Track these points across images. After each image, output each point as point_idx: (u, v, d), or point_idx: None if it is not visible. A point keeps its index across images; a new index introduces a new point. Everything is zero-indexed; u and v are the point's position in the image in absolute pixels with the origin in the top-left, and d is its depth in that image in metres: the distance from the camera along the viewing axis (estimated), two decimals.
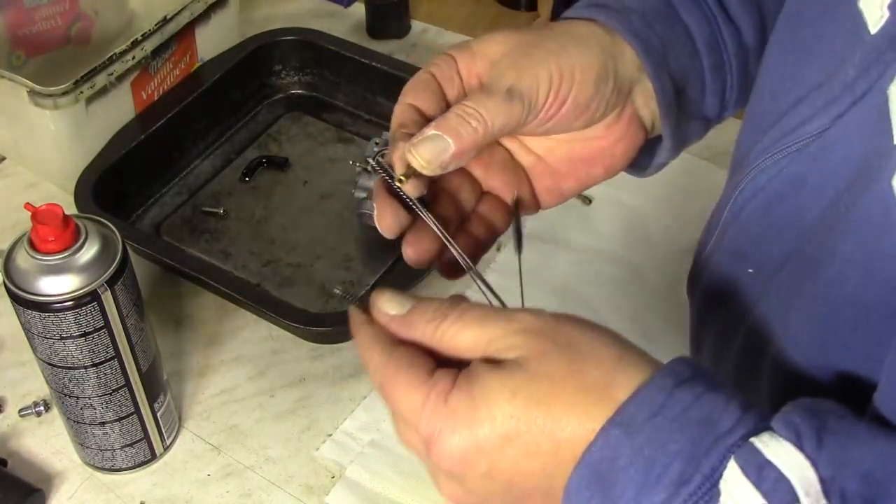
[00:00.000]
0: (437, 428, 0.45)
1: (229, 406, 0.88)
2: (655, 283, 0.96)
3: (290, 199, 1.04)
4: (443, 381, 0.45)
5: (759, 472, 0.40)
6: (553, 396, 0.43)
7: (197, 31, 1.08)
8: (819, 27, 0.51)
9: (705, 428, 0.41)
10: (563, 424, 0.43)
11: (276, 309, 0.89)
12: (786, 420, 0.41)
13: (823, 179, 0.48)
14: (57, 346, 0.72)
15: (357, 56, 1.12)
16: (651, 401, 0.42)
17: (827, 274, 0.46)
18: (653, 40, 0.56)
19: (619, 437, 0.42)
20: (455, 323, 0.46)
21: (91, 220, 0.74)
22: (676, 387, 0.42)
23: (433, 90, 0.55)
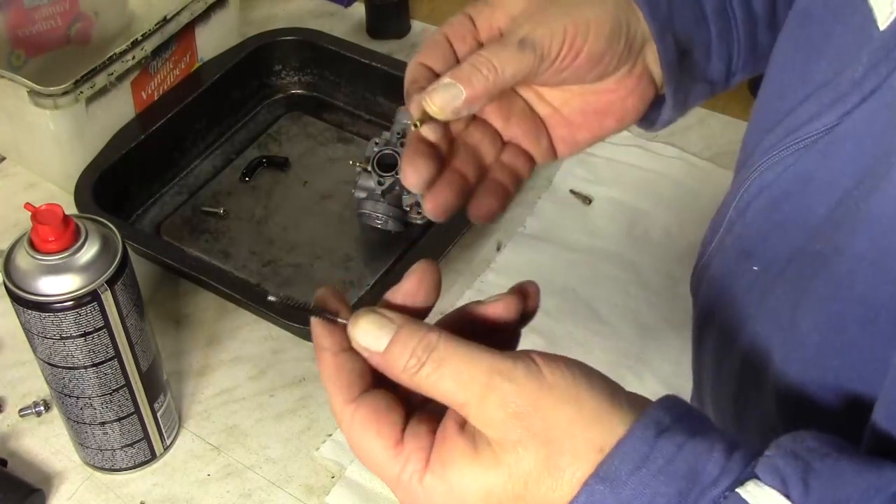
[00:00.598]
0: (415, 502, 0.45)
1: (229, 406, 0.88)
2: (655, 283, 0.96)
3: (290, 199, 1.04)
4: (417, 457, 0.44)
5: None
6: (531, 496, 0.43)
7: (197, 31, 1.08)
8: (828, 24, 0.51)
9: (691, 480, 0.40)
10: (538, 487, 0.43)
11: (276, 309, 0.89)
12: (770, 466, 0.40)
13: (831, 177, 0.48)
14: (57, 346, 0.72)
15: (357, 56, 1.12)
16: (634, 453, 0.41)
17: (836, 272, 0.46)
18: (661, 3, 0.57)
19: (603, 493, 0.41)
20: (433, 374, 0.44)
21: (91, 220, 0.74)
22: (658, 436, 0.41)
23: (444, 49, 0.57)
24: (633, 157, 1.08)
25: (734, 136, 1.09)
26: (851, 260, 0.45)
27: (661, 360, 0.90)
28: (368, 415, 0.45)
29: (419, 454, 0.44)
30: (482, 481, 0.43)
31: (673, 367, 0.89)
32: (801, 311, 0.49)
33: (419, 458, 0.44)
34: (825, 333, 0.47)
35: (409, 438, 0.45)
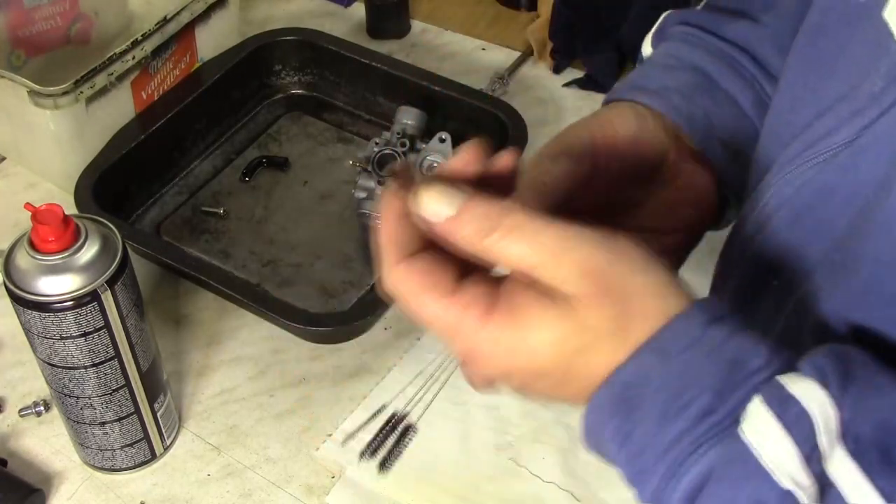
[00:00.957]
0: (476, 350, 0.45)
1: (229, 406, 0.88)
2: None
3: (290, 199, 1.04)
4: (477, 303, 0.44)
5: (782, 404, 0.40)
6: (594, 350, 0.43)
7: (197, 31, 1.08)
8: (841, 39, 0.51)
9: (736, 365, 0.42)
10: (599, 373, 0.44)
11: (276, 309, 0.89)
12: (812, 362, 0.42)
13: (853, 189, 0.48)
14: (57, 346, 0.72)
15: (357, 56, 1.11)
16: (687, 333, 0.43)
17: (858, 280, 0.46)
18: (696, 113, 0.58)
19: (652, 363, 0.42)
20: (505, 237, 0.44)
21: (91, 220, 0.74)
22: (711, 323, 0.43)
23: None
24: None
25: None
26: (874, 265, 0.46)
27: None
28: (422, 267, 0.45)
29: (481, 299, 0.44)
30: (555, 328, 0.43)
31: None
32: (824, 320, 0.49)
33: (482, 303, 0.44)
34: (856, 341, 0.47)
35: (467, 286, 0.45)
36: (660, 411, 0.42)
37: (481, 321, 0.44)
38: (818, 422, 0.40)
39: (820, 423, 0.40)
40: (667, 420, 0.42)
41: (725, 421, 0.41)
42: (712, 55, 0.61)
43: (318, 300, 0.95)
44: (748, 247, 0.56)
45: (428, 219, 0.45)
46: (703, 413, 0.41)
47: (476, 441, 0.85)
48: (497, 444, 0.84)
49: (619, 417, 0.43)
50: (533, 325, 0.43)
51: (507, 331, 0.44)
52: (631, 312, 0.43)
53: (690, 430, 0.41)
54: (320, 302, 0.95)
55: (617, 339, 0.43)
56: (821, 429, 0.40)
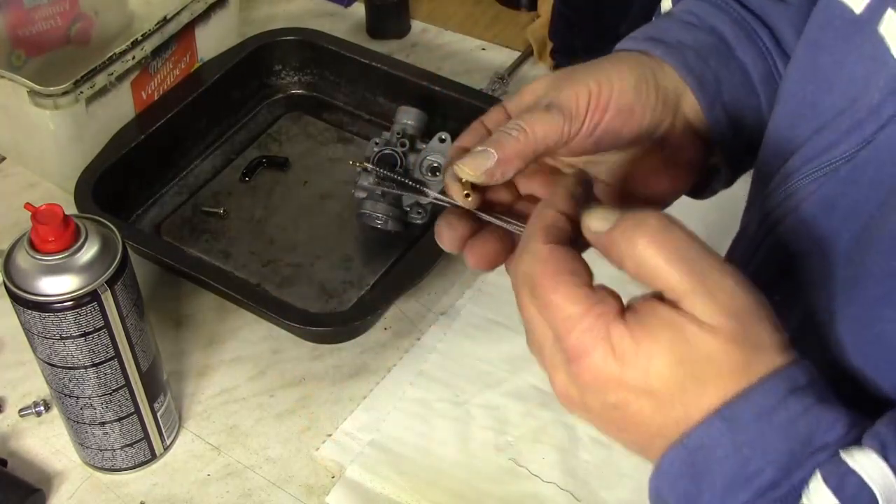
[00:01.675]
0: (588, 348, 0.44)
1: (229, 406, 0.88)
2: None
3: (290, 199, 1.04)
4: (607, 303, 0.45)
5: (841, 479, 0.41)
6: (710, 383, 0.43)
7: (197, 31, 1.08)
8: (838, 54, 0.51)
9: (806, 441, 0.42)
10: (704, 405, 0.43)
11: (276, 309, 0.89)
12: (873, 432, 0.42)
13: (855, 203, 0.48)
14: (57, 346, 0.72)
15: (357, 56, 1.11)
16: (761, 402, 0.42)
17: (874, 294, 0.47)
18: (707, 76, 0.58)
19: (721, 430, 0.42)
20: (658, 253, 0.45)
21: (91, 220, 0.74)
22: (789, 394, 0.43)
23: (480, 132, 0.57)
24: None
25: None
26: (887, 279, 0.46)
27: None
28: (568, 254, 0.46)
29: (613, 301, 0.45)
30: (676, 350, 0.43)
31: None
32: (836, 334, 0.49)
33: (613, 304, 0.45)
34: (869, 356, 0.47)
35: (602, 289, 0.45)
36: (726, 480, 0.42)
37: (609, 319, 0.44)
38: (878, 493, 0.40)
39: (881, 496, 0.40)
40: (732, 490, 0.42)
41: (789, 497, 0.41)
42: (733, 21, 0.60)
43: (317, 300, 0.95)
44: (749, 262, 0.56)
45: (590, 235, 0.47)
46: (767, 487, 0.42)
47: (476, 441, 0.85)
48: (497, 444, 0.84)
49: (687, 480, 0.43)
50: (661, 339, 0.43)
51: (627, 339, 0.44)
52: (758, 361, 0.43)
53: (753, 502, 0.42)
54: (320, 302, 0.95)
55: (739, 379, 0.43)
56: (883, 499, 0.40)
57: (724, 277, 0.44)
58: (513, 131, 0.53)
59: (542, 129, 0.53)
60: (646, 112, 0.57)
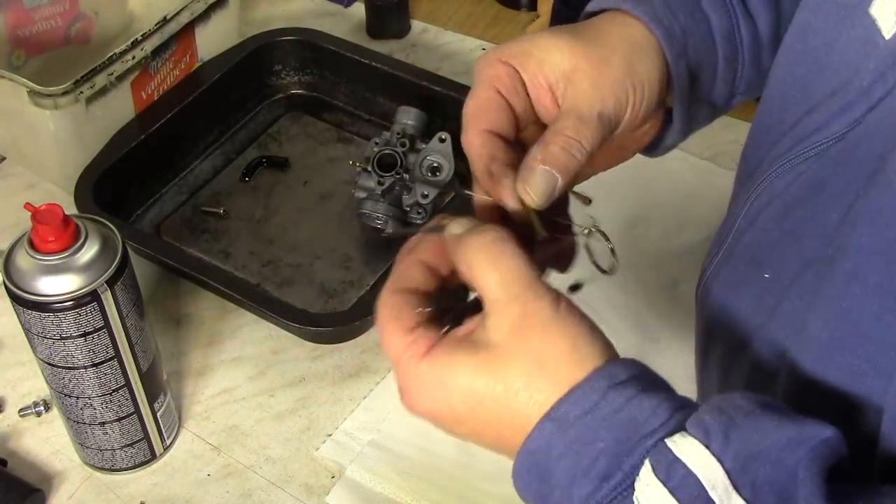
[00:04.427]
0: (405, 386, 0.50)
1: (229, 406, 0.88)
2: (655, 283, 0.96)
3: (290, 199, 1.04)
4: (420, 343, 0.49)
5: (668, 469, 0.43)
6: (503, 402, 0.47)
7: (197, 31, 1.08)
8: (830, 37, 0.51)
9: (631, 429, 0.44)
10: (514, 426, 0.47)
11: (276, 309, 0.89)
12: (697, 420, 0.44)
13: (844, 183, 0.49)
14: (57, 346, 0.72)
15: (357, 56, 1.11)
16: (584, 400, 0.45)
17: (842, 269, 0.47)
18: (675, 29, 0.57)
19: (552, 431, 0.45)
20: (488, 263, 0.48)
21: (91, 220, 0.74)
22: (610, 388, 0.45)
23: (503, 109, 0.55)
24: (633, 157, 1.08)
25: (734, 136, 1.09)
26: (858, 255, 0.46)
27: (661, 360, 0.89)
28: (398, 300, 0.50)
29: (424, 342, 0.49)
30: (470, 379, 0.47)
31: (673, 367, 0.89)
32: (812, 312, 0.50)
33: (423, 344, 0.49)
34: (837, 330, 0.48)
35: (421, 330, 0.49)
36: (569, 475, 0.45)
37: (417, 359, 0.48)
38: (704, 481, 0.42)
39: (706, 483, 0.42)
40: (574, 484, 0.44)
41: (623, 484, 0.44)
42: None
43: (317, 300, 0.95)
44: (738, 241, 0.56)
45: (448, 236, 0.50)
46: (603, 476, 0.44)
47: None
48: None
49: (537, 482, 0.46)
50: (453, 374, 0.47)
51: (432, 374, 0.48)
52: (544, 375, 0.46)
53: (594, 494, 0.44)
54: (320, 302, 0.95)
55: (527, 394, 0.46)
56: (708, 488, 0.42)
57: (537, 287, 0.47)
58: (576, 153, 0.53)
59: (597, 143, 0.54)
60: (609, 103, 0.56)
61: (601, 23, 0.58)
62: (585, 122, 0.53)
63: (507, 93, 0.55)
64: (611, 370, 0.46)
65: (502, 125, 0.55)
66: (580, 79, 0.55)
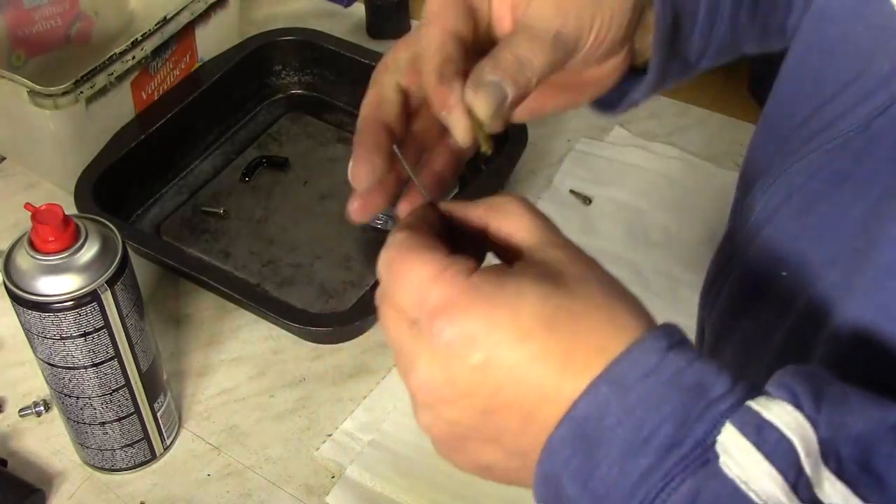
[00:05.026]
0: (451, 298, 0.42)
1: (229, 406, 0.88)
2: (655, 283, 0.96)
3: (290, 199, 1.04)
4: (464, 261, 0.43)
5: (759, 432, 0.39)
6: (583, 319, 0.42)
7: (197, 31, 1.08)
8: (845, 24, 0.50)
9: (698, 392, 0.40)
10: (581, 349, 0.41)
11: (276, 309, 0.89)
12: (780, 383, 0.40)
13: (869, 176, 0.47)
14: (57, 346, 0.72)
15: (357, 56, 1.11)
16: (644, 361, 0.40)
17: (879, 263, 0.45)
18: None
19: (607, 395, 0.40)
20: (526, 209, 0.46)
21: (91, 220, 0.74)
22: (670, 349, 0.41)
23: (468, 13, 0.51)
24: (633, 157, 1.08)
25: (734, 136, 1.09)
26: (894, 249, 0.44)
27: None
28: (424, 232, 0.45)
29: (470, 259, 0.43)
30: (543, 284, 0.42)
31: None
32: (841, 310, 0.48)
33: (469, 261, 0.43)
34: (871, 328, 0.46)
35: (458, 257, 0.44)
36: (622, 447, 0.39)
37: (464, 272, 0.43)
38: (799, 447, 0.38)
39: (801, 447, 0.38)
40: (631, 456, 0.39)
41: (694, 452, 0.39)
42: None
43: (318, 300, 0.95)
44: (753, 240, 0.54)
45: None
46: (669, 446, 0.39)
47: None
48: None
49: (579, 457, 0.40)
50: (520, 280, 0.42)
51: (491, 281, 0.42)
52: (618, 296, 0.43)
53: (658, 466, 0.39)
54: (320, 302, 0.95)
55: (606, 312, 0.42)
56: (803, 453, 0.38)
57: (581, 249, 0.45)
58: (527, 70, 0.48)
59: (550, 66, 0.49)
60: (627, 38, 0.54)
61: None
62: (540, 41, 0.49)
63: None
64: (667, 330, 0.42)
65: (465, 29, 0.50)
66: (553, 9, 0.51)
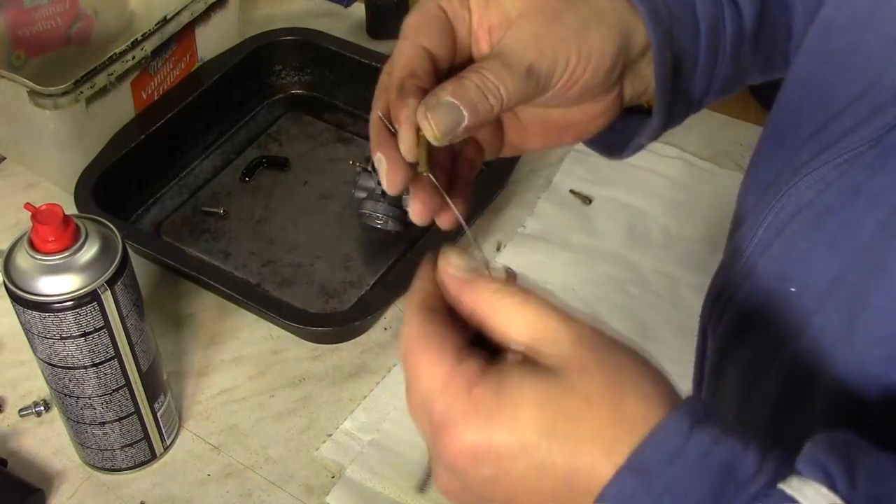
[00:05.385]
0: (452, 417, 0.42)
1: (229, 406, 0.88)
2: (655, 283, 0.96)
3: (290, 199, 1.04)
4: (470, 367, 0.42)
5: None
6: (584, 418, 0.40)
7: (197, 31, 1.08)
8: (854, 36, 0.50)
9: (726, 476, 0.39)
10: (586, 450, 0.40)
11: (276, 309, 0.89)
12: (812, 461, 0.39)
13: (881, 189, 0.47)
14: (57, 346, 0.72)
15: (357, 56, 1.12)
16: (668, 444, 0.39)
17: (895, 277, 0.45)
18: (662, 11, 0.54)
19: (635, 486, 0.39)
20: (517, 303, 0.43)
21: (91, 220, 0.74)
22: (693, 428, 0.39)
23: (446, 32, 0.51)
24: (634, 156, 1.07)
25: (734, 136, 1.09)
26: None
27: (661, 361, 0.90)
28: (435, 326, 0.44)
29: (475, 364, 0.42)
30: (539, 389, 0.41)
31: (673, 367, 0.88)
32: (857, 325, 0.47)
33: (474, 368, 0.42)
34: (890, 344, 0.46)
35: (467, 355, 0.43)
36: None
37: (467, 385, 0.42)
38: None
39: None
40: None
41: None
42: None
43: (317, 300, 0.95)
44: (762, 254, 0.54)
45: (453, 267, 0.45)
46: None
47: None
48: None
49: None
50: (516, 390, 0.41)
51: (489, 396, 0.41)
52: (625, 384, 0.41)
53: None
54: (320, 302, 0.95)
55: (609, 409, 0.40)
56: None
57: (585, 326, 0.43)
58: (490, 97, 0.48)
59: (516, 100, 0.49)
60: (604, 90, 0.53)
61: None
62: (510, 70, 0.49)
63: (454, 17, 0.51)
64: (689, 407, 0.40)
65: (441, 47, 0.51)
66: (522, 25, 0.50)
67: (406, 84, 0.49)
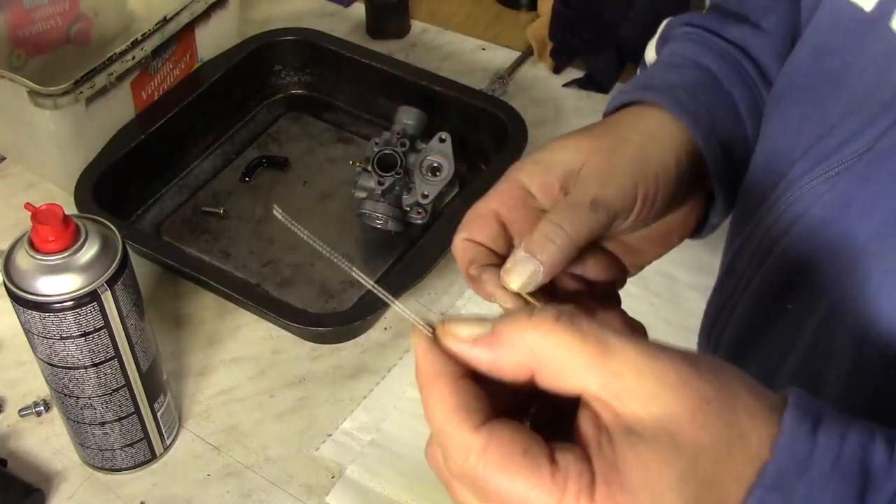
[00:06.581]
0: None
1: (229, 406, 0.88)
2: (655, 283, 0.96)
3: (290, 199, 1.04)
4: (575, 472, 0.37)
5: None
6: (723, 475, 0.37)
7: (197, 31, 1.08)
8: (847, 55, 0.51)
9: (864, 476, 0.37)
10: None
11: (276, 309, 0.89)
12: None
13: (872, 199, 0.48)
14: (57, 346, 0.72)
15: (357, 56, 1.12)
16: (797, 452, 0.37)
17: None
18: (700, 112, 0.57)
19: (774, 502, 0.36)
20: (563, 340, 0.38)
21: (91, 220, 0.74)
22: (815, 430, 0.37)
23: (490, 223, 0.54)
24: None
25: None
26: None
27: None
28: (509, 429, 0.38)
29: (581, 467, 0.37)
30: (671, 468, 0.36)
31: None
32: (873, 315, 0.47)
33: (582, 469, 0.37)
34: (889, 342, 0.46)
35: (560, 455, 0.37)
36: None
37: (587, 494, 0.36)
38: None
39: None
40: None
41: None
42: (716, 54, 0.61)
43: (317, 300, 0.95)
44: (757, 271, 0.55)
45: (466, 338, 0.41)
46: None
47: None
48: None
49: None
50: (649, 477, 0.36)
51: (620, 495, 0.36)
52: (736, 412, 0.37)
53: None
54: (320, 302, 0.95)
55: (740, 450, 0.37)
56: None
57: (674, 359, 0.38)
58: (556, 238, 0.50)
59: (587, 232, 0.51)
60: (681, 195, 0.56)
61: (617, 117, 0.58)
62: (574, 208, 0.51)
63: (502, 207, 0.54)
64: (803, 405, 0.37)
65: (484, 236, 0.54)
66: (587, 172, 0.53)
67: (471, 271, 0.53)
